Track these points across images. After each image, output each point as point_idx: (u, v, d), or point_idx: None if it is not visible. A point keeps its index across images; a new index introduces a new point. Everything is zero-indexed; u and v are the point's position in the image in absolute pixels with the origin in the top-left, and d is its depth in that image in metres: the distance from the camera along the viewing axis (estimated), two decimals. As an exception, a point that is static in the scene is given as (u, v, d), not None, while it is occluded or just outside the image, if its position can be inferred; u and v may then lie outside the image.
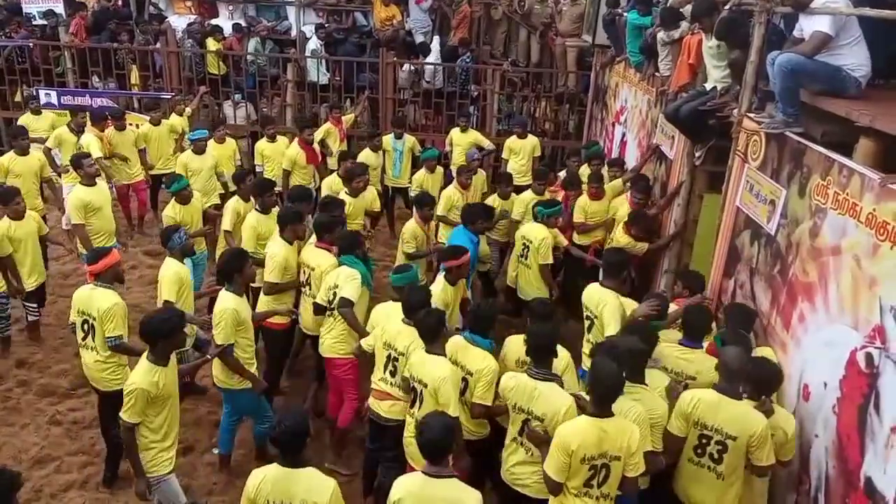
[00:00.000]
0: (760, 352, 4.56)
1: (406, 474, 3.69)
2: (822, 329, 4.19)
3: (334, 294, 5.29)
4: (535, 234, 6.58)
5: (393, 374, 4.72)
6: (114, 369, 5.03)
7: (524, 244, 6.68)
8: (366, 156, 8.88)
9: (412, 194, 8.45)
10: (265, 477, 3.54)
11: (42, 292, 7.04)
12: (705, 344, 4.70)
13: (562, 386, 4.18)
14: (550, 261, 6.62)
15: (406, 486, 3.55)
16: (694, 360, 4.63)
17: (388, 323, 4.82)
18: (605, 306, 5.05)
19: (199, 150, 8.26)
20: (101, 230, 7.02)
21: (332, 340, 5.37)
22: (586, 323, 5.35)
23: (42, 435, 5.77)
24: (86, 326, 5.02)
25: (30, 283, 6.70)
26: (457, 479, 3.56)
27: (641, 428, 3.80)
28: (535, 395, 4.04)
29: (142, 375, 4.15)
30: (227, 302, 4.89)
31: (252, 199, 6.71)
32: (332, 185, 7.71)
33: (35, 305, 6.93)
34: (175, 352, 4.44)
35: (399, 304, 4.82)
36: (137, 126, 9.64)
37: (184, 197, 6.85)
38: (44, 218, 8.04)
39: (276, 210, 6.43)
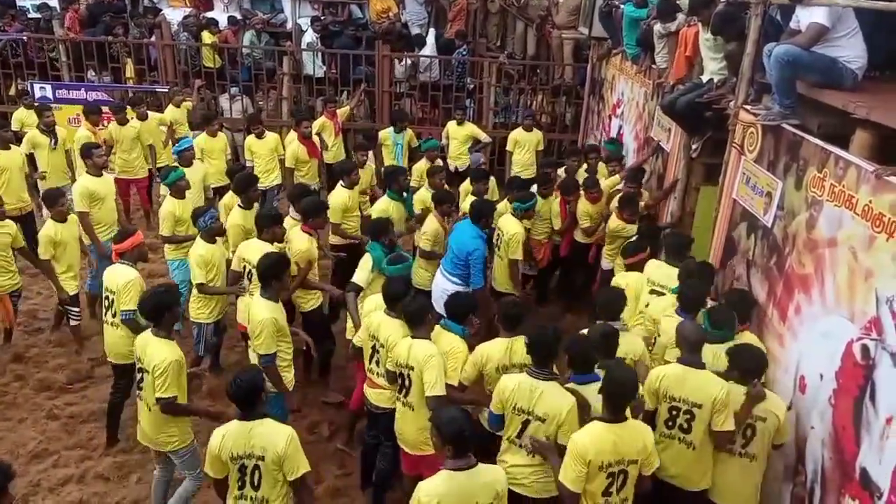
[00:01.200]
0: (742, 338, 4.56)
1: (430, 479, 3.52)
2: (819, 321, 4.21)
3: None
4: (508, 227, 6.47)
5: (378, 363, 4.76)
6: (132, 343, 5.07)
7: (498, 235, 6.63)
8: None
9: (413, 185, 8.41)
10: (226, 433, 3.74)
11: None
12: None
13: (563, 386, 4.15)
14: (519, 256, 6.53)
15: (437, 489, 3.41)
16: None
17: (373, 314, 4.85)
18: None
19: (187, 161, 7.44)
20: (103, 221, 6.98)
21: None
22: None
23: (39, 429, 5.77)
24: (107, 302, 5.30)
25: (73, 286, 6.58)
26: (480, 464, 3.50)
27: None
28: (537, 396, 3.99)
29: (170, 350, 4.40)
30: (264, 311, 4.79)
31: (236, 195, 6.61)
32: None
33: (77, 309, 6.74)
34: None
35: None
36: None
37: (179, 189, 6.71)
38: (32, 213, 8.07)
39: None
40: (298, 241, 5.85)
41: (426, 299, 4.56)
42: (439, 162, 8.73)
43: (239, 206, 6.43)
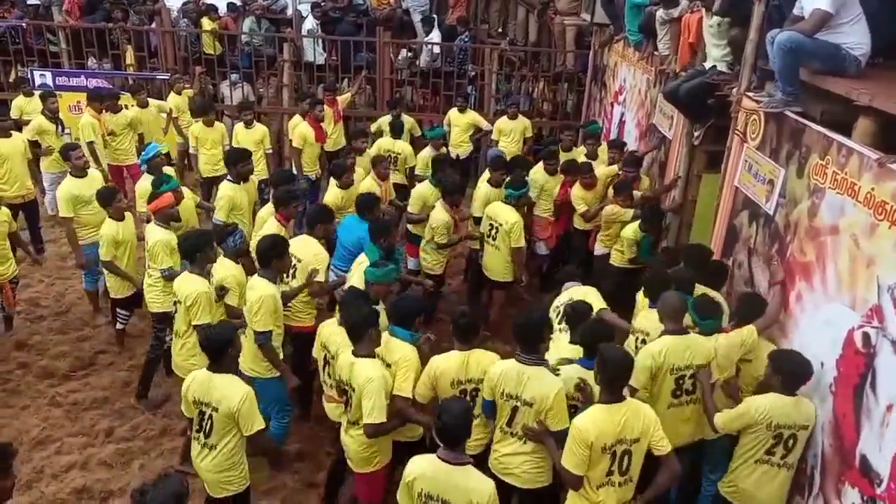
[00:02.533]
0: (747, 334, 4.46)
1: (422, 455, 3.61)
2: (820, 308, 4.21)
3: None
4: (506, 216, 6.47)
5: (330, 375, 4.60)
6: (161, 289, 5.77)
7: (491, 224, 6.61)
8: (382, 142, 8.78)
9: (417, 173, 8.45)
10: (194, 378, 4.06)
11: (137, 299, 6.41)
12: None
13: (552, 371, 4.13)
14: (523, 244, 6.58)
15: (421, 467, 3.49)
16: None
17: (326, 323, 4.73)
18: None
19: (156, 169, 6.76)
20: (90, 223, 6.69)
21: None
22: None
23: (42, 416, 5.80)
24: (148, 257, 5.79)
25: (123, 291, 6.36)
26: (471, 466, 3.46)
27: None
28: (524, 380, 3.95)
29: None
30: (264, 288, 4.78)
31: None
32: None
33: (126, 313, 6.58)
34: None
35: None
36: (127, 107, 9.49)
37: (176, 196, 6.33)
38: (35, 200, 8.07)
39: (253, 180, 6.91)
40: (268, 230, 5.66)
41: (369, 312, 4.15)
42: (444, 150, 8.75)
43: (229, 179, 6.72)
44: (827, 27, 4.41)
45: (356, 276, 5.19)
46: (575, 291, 5.27)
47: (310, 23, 11.92)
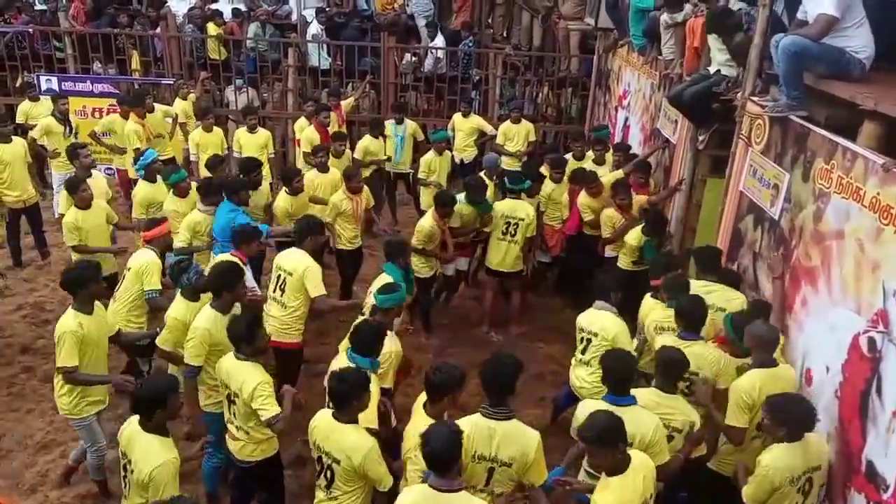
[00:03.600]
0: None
1: (413, 486, 3.38)
2: (825, 313, 4.19)
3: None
4: (525, 210, 6.76)
5: (235, 415, 4.18)
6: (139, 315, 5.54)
7: (508, 222, 6.75)
8: (367, 142, 8.87)
9: (420, 176, 8.47)
10: (129, 421, 3.77)
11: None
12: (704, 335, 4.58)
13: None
14: (534, 232, 6.92)
15: (413, 498, 3.26)
16: (697, 353, 4.37)
17: (224, 358, 4.22)
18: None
19: (151, 175, 7.02)
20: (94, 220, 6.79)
21: None
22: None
23: (47, 420, 5.79)
24: (119, 277, 5.64)
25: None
26: (465, 493, 3.27)
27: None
28: (496, 438, 3.57)
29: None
30: (201, 320, 4.46)
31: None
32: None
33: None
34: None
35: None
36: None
37: (182, 189, 6.73)
38: (37, 204, 8.10)
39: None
40: None
41: (361, 377, 3.71)
42: (447, 153, 8.76)
43: (286, 191, 6.81)
44: (832, 31, 4.40)
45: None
46: (595, 320, 5.12)
47: (315, 28, 11.96)
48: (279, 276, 5.37)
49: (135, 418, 3.71)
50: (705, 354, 4.40)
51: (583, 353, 5.15)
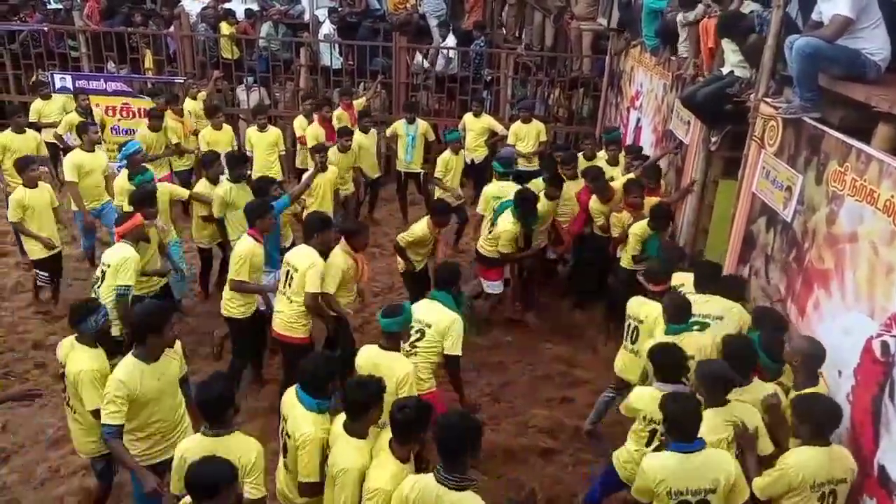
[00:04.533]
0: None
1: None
2: (838, 317, 4.16)
3: (421, 333, 4.63)
4: (511, 191, 6.93)
5: None
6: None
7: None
8: (358, 139, 8.92)
9: (437, 175, 8.53)
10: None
11: (56, 264, 7.18)
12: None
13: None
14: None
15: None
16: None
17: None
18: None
19: (136, 166, 6.85)
20: (89, 193, 7.46)
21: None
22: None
23: (59, 416, 5.80)
24: (99, 273, 5.49)
25: (37, 253, 6.93)
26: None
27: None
28: None
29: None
30: (118, 371, 3.93)
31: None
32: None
33: (45, 274, 7.12)
34: None
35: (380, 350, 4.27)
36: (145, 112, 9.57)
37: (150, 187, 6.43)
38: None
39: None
40: (240, 246, 5.59)
41: (375, 386, 3.61)
42: (463, 153, 8.80)
43: (227, 178, 6.81)
44: (847, 32, 4.37)
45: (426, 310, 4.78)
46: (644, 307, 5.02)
47: (327, 28, 12.00)
48: (287, 271, 5.43)
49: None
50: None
51: (633, 342, 5.08)
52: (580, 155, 8.14)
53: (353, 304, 6.04)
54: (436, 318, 4.69)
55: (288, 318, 5.39)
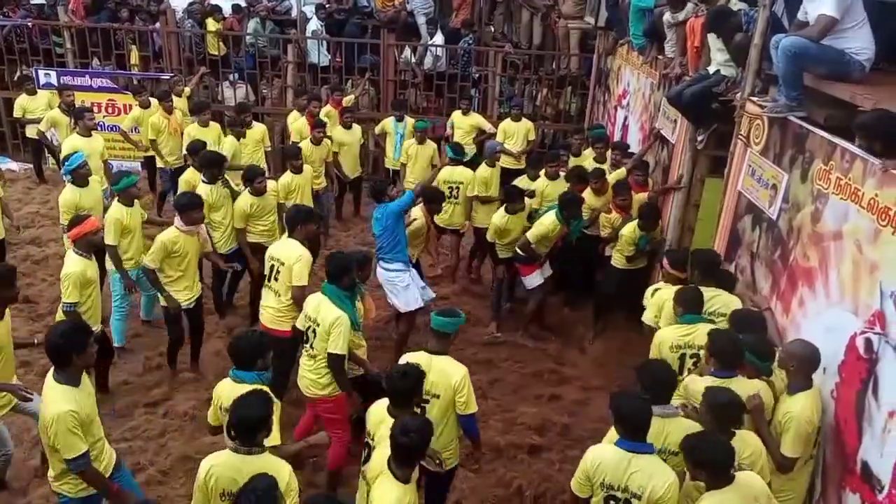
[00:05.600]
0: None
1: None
2: (822, 314, 4.20)
3: (313, 332, 4.67)
4: (461, 175, 7.72)
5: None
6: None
7: (451, 187, 7.69)
8: (339, 135, 8.98)
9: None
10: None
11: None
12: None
13: None
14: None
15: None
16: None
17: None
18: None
19: (81, 179, 6.49)
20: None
21: (314, 376, 4.70)
22: None
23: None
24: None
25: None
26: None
27: None
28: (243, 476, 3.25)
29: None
30: (59, 404, 3.65)
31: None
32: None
33: None
34: None
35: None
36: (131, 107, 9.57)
37: (129, 196, 6.17)
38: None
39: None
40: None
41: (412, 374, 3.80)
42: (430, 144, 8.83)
43: (203, 181, 6.61)
44: (832, 32, 4.41)
45: None
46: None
47: (314, 24, 11.94)
48: (272, 265, 5.44)
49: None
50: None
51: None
52: (561, 151, 8.24)
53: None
54: (322, 315, 4.60)
55: (276, 313, 5.48)
